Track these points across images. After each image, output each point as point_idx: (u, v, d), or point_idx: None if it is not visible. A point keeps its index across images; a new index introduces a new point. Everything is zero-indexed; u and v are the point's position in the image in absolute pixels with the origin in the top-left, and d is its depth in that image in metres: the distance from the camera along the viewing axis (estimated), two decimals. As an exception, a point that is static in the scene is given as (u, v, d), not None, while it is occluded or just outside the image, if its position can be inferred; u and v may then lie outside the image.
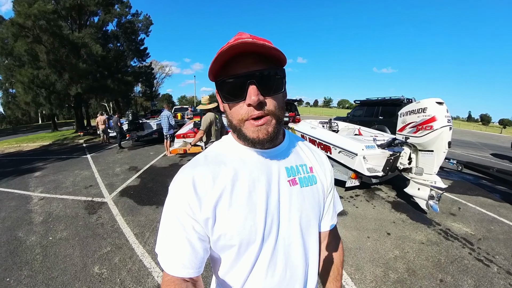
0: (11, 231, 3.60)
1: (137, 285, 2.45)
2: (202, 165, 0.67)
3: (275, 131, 0.63)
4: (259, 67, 0.60)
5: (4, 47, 15.49)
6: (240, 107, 0.62)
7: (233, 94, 0.61)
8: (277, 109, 0.63)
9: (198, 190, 0.62)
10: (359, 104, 11.70)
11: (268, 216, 0.64)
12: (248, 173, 0.66)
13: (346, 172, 4.73)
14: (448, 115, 3.50)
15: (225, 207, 0.62)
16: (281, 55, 0.61)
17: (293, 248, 0.68)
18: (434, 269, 2.74)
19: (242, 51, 0.58)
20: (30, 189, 5.48)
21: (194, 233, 0.61)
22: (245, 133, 0.63)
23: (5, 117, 51.16)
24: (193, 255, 0.61)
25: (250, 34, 0.62)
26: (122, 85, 19.62)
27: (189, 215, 0.61)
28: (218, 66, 0.60)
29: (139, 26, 23.79)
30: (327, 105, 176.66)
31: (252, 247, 0.63)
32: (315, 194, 0.74)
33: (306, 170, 0.75)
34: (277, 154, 0.72)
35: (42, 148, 12.51)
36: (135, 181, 5.93)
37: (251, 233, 0.63)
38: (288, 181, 0.70)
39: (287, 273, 0.67)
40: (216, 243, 0.64)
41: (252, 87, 0.58)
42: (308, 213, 0.71)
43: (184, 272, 0.60)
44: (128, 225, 3.66)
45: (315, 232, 0.74)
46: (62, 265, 2.79)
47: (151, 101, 37.55)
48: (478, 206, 4.50)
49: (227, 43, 0.57)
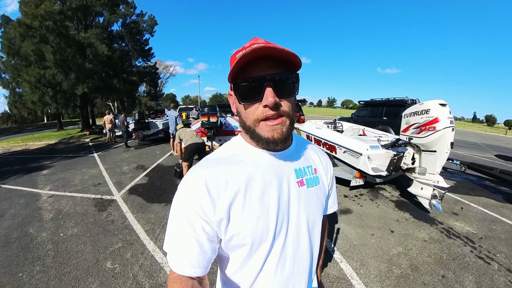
0: (22, 228, 3.68)
1: (150, 280, 2.54)
2: (214, 165, 0.69)
3: (288, 132, 0.67)
4: (275, 71, 0.63)
5: (11, 47, 15.76)
6: (256, 108, 0.64)
7: (250, 95, 0.64)
8: (291, 111, 0.66)
9: (212, 191, 0.63)
10: (363, 104, 11.70)
11: (279, 216, 0.67)
12: (261, 175, 0.68)
13: (351, 172, 4.80)
14: (450, 116, 3.56)
15: (239, 208, 0.64)
16: (297, 59, 0.64)
17: (301, 245, 0.72)
18: (436, 265, 2.81)
19: (260, 55, 0.61)
20: (39, 187, 5.57)
21: (204, 234, 0.63)
22: (259, 133, 0.66)
23: (11, 116, 51.60)
24: (201, 255, 0.63)
25: (265, 40, 0.67)
26: (128, 84, 19.77)
27: (200, 216, 0.63)
28: (237, 69, 0.63)
29: (144, 27, 23.91)
30: (331, 105, 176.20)
31: (264, 246, 0.66)
32: (318, 193, 0.79)
33: (311, 171, 0.79)
34: (287, 156, 0.75)
35: (48, 146, 12.66)
36: (143, 179, 6.02)
37: (263, 233, 0.65)
38: (297, 182, 0.74)
39: (295, 269, 0.71)
40: (229, 242, 0.66)
41: (269, 89, 0.61)
42: (314, 211, 0.75)
43: (191, 271, 0.62)
44: (139, 222, 3.74)
45: (318, 229, 0.79)
46: (74, 261, 2.86)
47: (155, 100, 37.77)
48: (480, 206, 4.55)
49: (247, 47, 0.61)
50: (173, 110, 8.78)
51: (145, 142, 11.63)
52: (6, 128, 39.11)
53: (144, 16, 23.93)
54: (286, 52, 0.61)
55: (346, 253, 2.99)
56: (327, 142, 5.48)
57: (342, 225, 3.68)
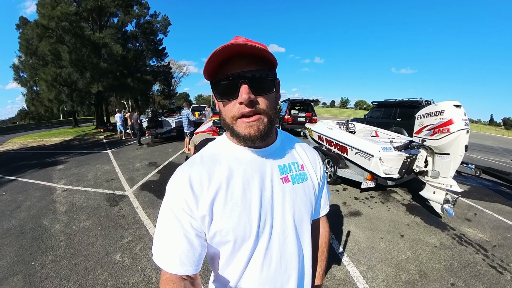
0: (36, 219, 3.81)
1: (157, 274, 2.58)
2: (199, 164, 0.70)
3: (266, 129, 0.66)
4: (251, 68, 0.64)
5: (29, 47, 16.42)
6: (232, 105, 0.65)
7: (227, 93, 0.65)
8: (268, 108, 0.66)
9: (195, 188, 0.65)
10: (377, 105, 11.53)
11: (262, 213, 0.67)
12: (243, 172, 0.69)
13: (362, 173, 4.74)
14: (465, 118, 3.46)
15: (221, 204, 0.65)
16: (271, 57, 0.65)
17: (287, 243, 0.71)
18: (446, 272, 2.73)
19: (236, 53, 0.62)
20: (54, 181, 5.76)
21: (192, 229, 0.64)
22: (237, 130, 0.66)
23: (28, 113, 53.37)
24: (191, 251, 0.63)
25: (245, 38, 0.67)
26: (142, 83, 20.19)
27: (186, 212, 0.63)
28: (212, 67, 0.64)
29: (158, 27, 24.37)
30: (344, 106, 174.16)
31: (247, 243, 0.66)
32: (306, 190, 0.78)
33: (297, 168, 0.79)
34: (270, 153, 0.76)
35: (64, 143, 13.02)
36: (155, 176, 6.13)
37: (246, 229, 0.65)
38: (281, 178, 0.73)
39: (282, 267, 0.71)
40: (212, 239, 0.66)
41: (244, 86, 0.61)
42: (300, 208, 0.74)
43: (181, 270, 0.62)
44: (149, 217, 3.81)
45: (307, 227, 0.78)
46: (85, 252, 2.95)
47: (169, 99, 38.31)
48: (495, 213, 4.40)
49: (220, 45, 0.61)
50: (186, 108, 8.89)
51: (158, 140, 11.85)
52: (24, 125, 40.60)
53: (158, 17, 24.40)
54: (258, 49, 0.61)
55: (353, 256, 2.95)
56: (338, 143, 5.44)
57: (351, 227, 3.64)
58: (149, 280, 2.50)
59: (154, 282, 2.47)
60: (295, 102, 13.55)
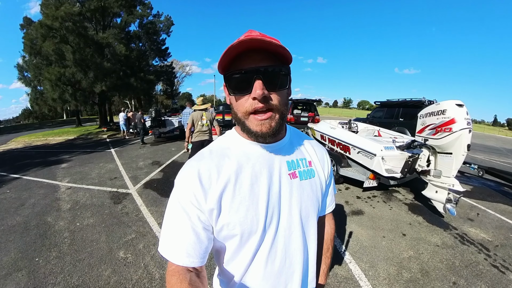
0: (41, 216, 3.85)
1: (160, 270, 2.60)
2: (207, 158, 0.70)
3: (277, 126, 0.67)
4: (265, 63, 0.63)
5: (33, 47, 16.54)
6: (245, 100, 0.65)
7: (240, 87, 0.65)
8: (281, 104, 0.66)
9: (204, 182, 0.65)
10: (379, 105, 11.47)
11: (269, 208, 0.68)
12: (251, 167, 0.69)
13: (364, 173, 4.74)
14: (468, 117, 3.45)
15: (229, 198, 0.65)
16: (287, 53, 0.64)
17: (293, 238, 0.71)
18: (447, 271, 2.74)
19: (250, 48, 0.61)
20: (58, 179, 5.81)
21: (199, 222, 0.64)
22: (248, 126, 0.67)
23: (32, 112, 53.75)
24: (198, 244, 0.64)
25: (259, 32, 0.66)
26: (145, 83, 20.27)
27: (194, 205, 0.64)
28: (227, 61, 0.64)
29: (160, 27, 24.39)
30: (346, 106, 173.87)
31: (254, 237, 0.67)
32: (313, 186, 0.78)
33: (305, 164, 0.79)
34: (279, 148, 0.75)
35: (67, 141, 13.12)
36: (158, 174, 6.17)
37: (253, 224, 0.66)
38: (289, 174, 0.73)
39: (287, 262, 0.71)
40: (219, 233, 0.67)
41: (258, 81, 0.61)
42: (307, 204, 0.75)
43: (188, 261, 0.63)
44: (152, 215, 3.83)
45: (313, 223, 0.78)
46: (89, 249, 2.97)
47: (171, 99, 38.45)
48: (498, 213, 4.39)
49: (237, 39, 0.61)
50: (188, 107, 8.93)
51: (161, 139, 11.90)
52: (28, 124, 40.88)
53: (161, 17, 24.43)
54: (274, 45, 0.61)
55: (355, 254, 2.96)
56: (341, 142, 5.44)
57: (354, 226, 3.65)
58: (152, 276, 2.52)
59: (157, 278, 2.49)
60: (298, 102, 13.53)
